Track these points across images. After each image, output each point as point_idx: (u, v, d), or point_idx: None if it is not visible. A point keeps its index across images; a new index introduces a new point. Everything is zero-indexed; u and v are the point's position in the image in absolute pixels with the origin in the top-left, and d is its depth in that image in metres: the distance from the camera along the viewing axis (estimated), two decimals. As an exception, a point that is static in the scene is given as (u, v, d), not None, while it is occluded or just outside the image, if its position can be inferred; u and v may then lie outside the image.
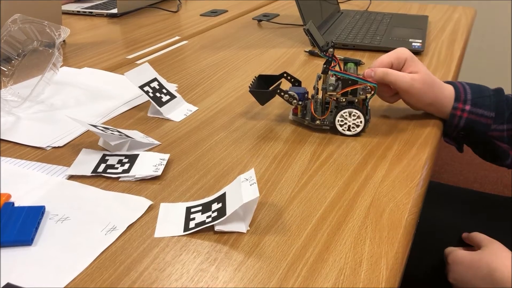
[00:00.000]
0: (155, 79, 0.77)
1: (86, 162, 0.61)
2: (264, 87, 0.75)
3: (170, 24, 1.29)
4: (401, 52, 0.71)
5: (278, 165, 0.61)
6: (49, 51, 0.81)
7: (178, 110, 0.76)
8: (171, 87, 0.79)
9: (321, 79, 0.70)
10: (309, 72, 0.93)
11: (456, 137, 0.75)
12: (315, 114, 0.70)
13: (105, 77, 0.91)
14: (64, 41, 1.11)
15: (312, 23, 0.69)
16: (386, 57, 0.71)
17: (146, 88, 0.75)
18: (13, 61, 0.82)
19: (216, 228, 0.49)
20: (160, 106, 0.74)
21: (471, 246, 0.73)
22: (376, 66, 0.70)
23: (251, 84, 0.73)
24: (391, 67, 0.70)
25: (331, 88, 0.68)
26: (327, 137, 0.68)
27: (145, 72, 0.77)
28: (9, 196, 0.54)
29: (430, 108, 0.72)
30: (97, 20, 1.34)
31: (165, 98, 0.76)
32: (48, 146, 0.66)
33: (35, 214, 0.50)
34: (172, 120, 0.74)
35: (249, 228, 0.50)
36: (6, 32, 0.78)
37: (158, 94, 0.76)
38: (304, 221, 0.51)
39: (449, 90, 0.71)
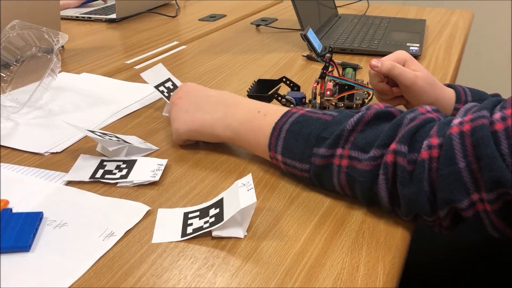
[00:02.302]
0: (169, 79, 0.77)
1: (84, 167, 0.61)
2: (263, 91, 0.76)
3: (168, 29, 1.29)
4: (401, 54, 0.72)
5: (276, 170, 0.61)
6: (48, 57, 0.81)
7: None
8: None
9: (319, 84, 0.70)
10: (307, 77, 0.94)
11: None
12: (313, 118, 0.70)
13: (104, 82, 0.92)
14: (62, 46, 1.12)
15: (311, 28, 0.69)
16: (386, 59, 0.71)
17: (161, 88, 0.76)
18: (11, 67, 0.82)
19: (214, 233, 0.49)
20: None
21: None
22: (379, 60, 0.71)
23: (249, 88, 0.73)
24: None
25: (328, 93, 0.69)
26: (325, 141, 0.68)
27: (160, 72, 0.78)
28: (7, 202, 0.54)
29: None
30: (95, 26, 1.34)
31: None
32: (46, 152, 0.66)
33: (33, 220, 0.50)
34: None
35: (246, 234, 0.50)
36: (4, 38, 0.79)
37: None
38: (302, 226, 0.51)
39: (450, 92, 0.71)
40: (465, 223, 0.48)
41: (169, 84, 0.77)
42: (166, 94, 0.75)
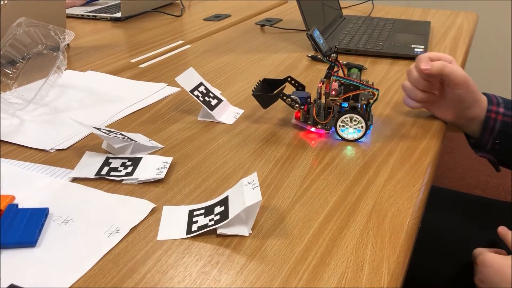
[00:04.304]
0: (201, 84, 0.77)
1: (89, 164, 0.61)
2: (268, 91, 0.76)
3: (173, 28, 1.30)
4: (447, 55, 0.72)
5: (281, 169, 0.61)
6: (54, 54, 0.81)
7: (227, 113, 0.77)
8: (216, 91, 0.80)
9: (324, 84, 0.70)
10: (311, 77, 0.94)
11: (490, 149, 0.75)
12: (317, 118, 0.70)
13: (109, 80, 0.92)
14: (68, 44, 1.12)
15: (317, 28, 0.69)
16: (433, 53, 0.72)
17: (196, 93, 0.75)
18: (17, 64, 0.83)
19: (219, 231, 0.49)
20: (211, 110, 0.75)
21: (496, 247, 0.72)
22: (425, 59, 0.71)
23: (254, 87, 0.74)
24: None
25: (333, 93, 0.69)
26: (329, 141, 0.68)
27: (192, 76, 0.77)
28: (13, 197, 0.54)
29: (466, 112, 0.72)
30: (101, 24, 1.35)
31: (213, 101, 0.76)
32: (52, 149, 0.66)
33: (39, 216, 0.51)
34: (224, 123, 0.74)
35: (251, 232, 0.50)
36: (11, 35, 0.79)
37: (207, 98, 0.76)
38: (306, 225, 0.51)
39: (483, 96, 0.72)
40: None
41: (202, 89, 0.77)
42: (201, 99, 0.75)
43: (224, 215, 0.50)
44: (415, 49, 1.05)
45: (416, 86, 0.72)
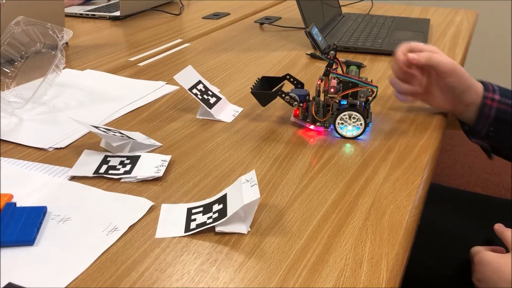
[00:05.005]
0: (200, 82, 0.77)
1: (88, 163, 0.61)
2: (267, 88, 0.76)
3: (172, 26, 1.29)
4: (431, 46, 0.72)
5: (279, 167, 0.61)
6: (52, 53, 0.81)
7: (226, 111, 0.77)
8: (215, 89, 0.80)
9: (323, 81, 0.70)
10: (310, 75, 0.94)
11: (484, 136, 0.74)
12: (316, 116, 0.70)
13: (108, 79, 0.92)
14: (66, 43, 1.12)
15: (315, 26, 0.69)
16: (414, 44, 0.71)
17: (195, 91, 0.75)
18: (16, 63, 0.82)
19: (217, 229, 0.49)
20: (210, 108, 0.75)
21: (494, 245, 0.72)
22: (404, 49, 0.71)
23: (253, 85, 0.73)
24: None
25: (332, 90, 0.68)
26: (328, 139, 0.68)
27: (191, 75, 0.77)
28: (11, 196, 0.54)
29: (462, 98, 0.72)
30: (99, 23, 1.35)
31: (212, 99, 0.76)
32: (50, 147, 0.66)
33: (37, 215, 0.50)
34: (223, 121, 0.74)
35: (249, 229, 0.50)
36: (9, 34, 0.79)
37: (205, 96, 0.76)
38: (305, 223, 0.51)
39: (477, 82, 0.72)
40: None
41: (201, 87, 0.77)
42: (200, 97, 0.75)
43: (222, 213, 0.50)
44: (414, 47, 1.05)
45: (398, 78, 0.72)
